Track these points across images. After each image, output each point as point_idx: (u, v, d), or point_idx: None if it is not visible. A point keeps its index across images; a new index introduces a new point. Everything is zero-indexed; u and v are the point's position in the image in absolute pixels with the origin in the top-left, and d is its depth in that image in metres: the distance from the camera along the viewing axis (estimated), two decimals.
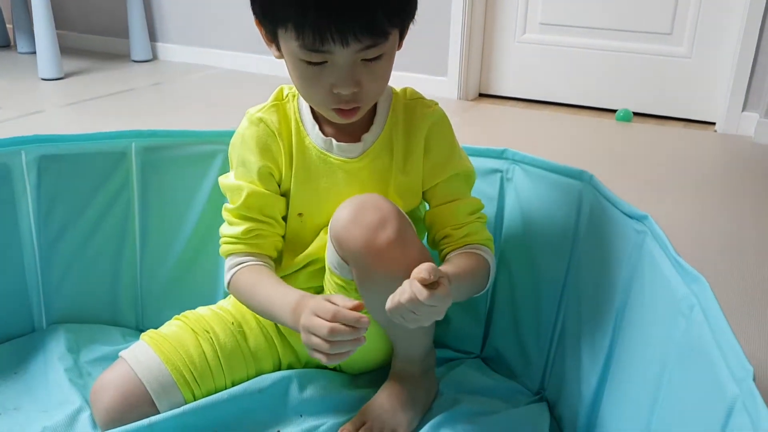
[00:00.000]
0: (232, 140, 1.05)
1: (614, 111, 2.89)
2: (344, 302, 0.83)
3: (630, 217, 0.91)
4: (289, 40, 0.87)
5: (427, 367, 1.12)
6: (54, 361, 1.15)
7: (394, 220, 0.93)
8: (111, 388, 0.99)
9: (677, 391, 0.70)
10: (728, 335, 0.63)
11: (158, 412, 0.98)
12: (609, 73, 2.90)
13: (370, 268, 0.95)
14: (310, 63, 0.88)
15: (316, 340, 0.83)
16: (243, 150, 1.03)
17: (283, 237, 1.07)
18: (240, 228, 1.01)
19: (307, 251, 1.06)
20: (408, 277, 0.85)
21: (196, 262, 1.26)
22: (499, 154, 1.18)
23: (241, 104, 1.12)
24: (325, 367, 1.14)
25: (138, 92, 3.06)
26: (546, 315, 1.12)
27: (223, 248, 1.04)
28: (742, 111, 2.63)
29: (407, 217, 0.98)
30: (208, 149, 1.25)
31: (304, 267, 1.07)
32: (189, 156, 1.24)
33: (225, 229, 1.04)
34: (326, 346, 0.82)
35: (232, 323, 1.08)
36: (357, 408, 1.07)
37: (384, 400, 1.07)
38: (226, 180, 1.05)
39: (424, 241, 1.09)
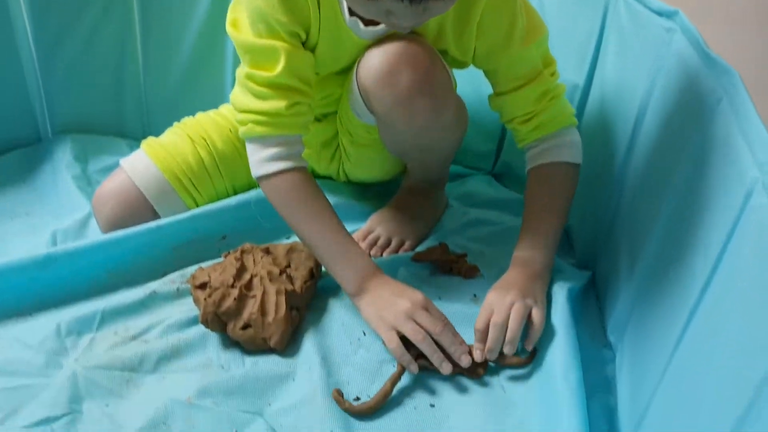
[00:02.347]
0: None
1: None
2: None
3: (659, 14, 0.85)
4: None
5: (439, 184, 1.11)
6: (62, 169, 1.15)
7: (432, 81, 0.83)
8: (111, 197, 0.99)
9: (695, 185, 0.68)
10: (755, 123, 0.59)
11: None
12: None
13: (399, 125, 0.89)
14: None
15: (412, 329, 0.79)
16: (263, 4, 0.81)
17: None
18: (281, 103, 0.82)
19: (320, 87, 0.95)
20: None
21: (201, 68, 1.21)
22: None
23: None
24: (331, 179, 1.13)
25: None
26: None
27: (251, 129, 0.84)
28: None
29: (447, 69, 0.87)
30: None
31: (317, 100, 0.97)
32: None
33: (253, 104, 0.83)
34: (422, 337, 0.78)
35: (230, 130, 1.05)
36: (365, 218, 1.07)
37: (393, 210, 1.06)
38: (248, 38, 0.82)
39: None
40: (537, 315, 0.82)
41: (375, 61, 0.83)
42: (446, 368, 0.79)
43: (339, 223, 0.86)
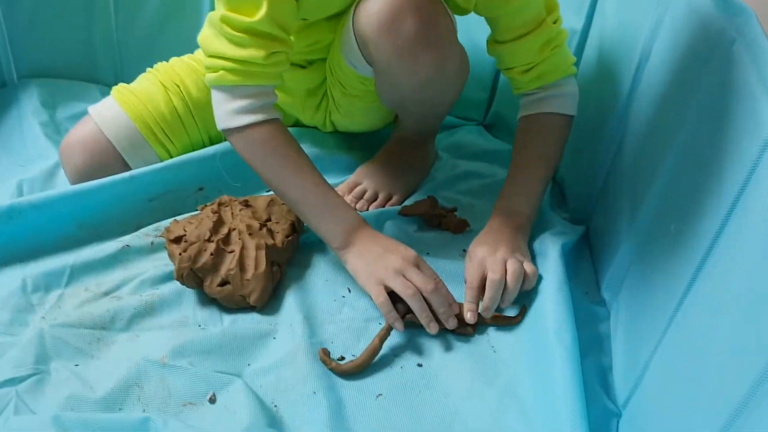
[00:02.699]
0: None
1: None
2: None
3: None
4: None
5: (430, 136, 1.06)
6: (28, 115, 1.09)
7: (436, 29, 0.78)
8: (79, 147, 0.93)
9: (703, 137, 0.64)
10: None
11: None
12: None
13: (400, 77, 0.83)
14: None
15: (403, 284, 0.74)
16: None
17: None
18: (260, 52, 0.75)
19: (307, 33, 0.89)
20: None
21: (176, 9, 1.14)
22: None
23: None
24: (316, 128, 1.07)
25: None
26: None
27: (223, 76, 0.76)
28: None
29: (450, 15, 0.82)
30: None
31: (303, 47, 0.92)
32: None
33: (228, 49, 0.76)
34: (413, 292, 0.74)
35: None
36: (351, 170, 1.03)
37: (381, 163, 1.01)
38: None
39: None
40: (530, 269, 0.80)
41: (375, 6, 0.77)
42: (434, 328, 0.76)
43: (320, 176, 0.81)
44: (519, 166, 0.88)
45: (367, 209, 0.97)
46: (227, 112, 0.79)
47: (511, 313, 0.80)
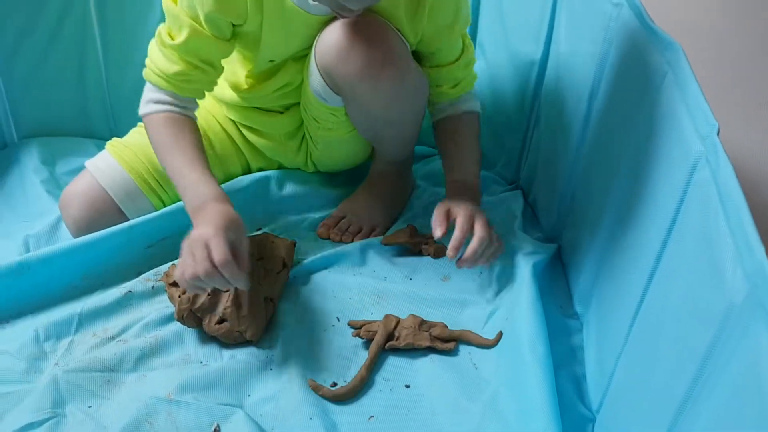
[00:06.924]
0: None
1: None
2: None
3: None
4: None
5: (406, 164, 1.12)
6: (29, 173, 1.14)
7: (392, 49, 0.86)
8: (77, 199, 0.98)
9: (644, 160, 0.70)
10: (696, 95, 0.61)
11: (127, 220, 0.98)
12: None
13: (365, 98, 0.91)
14: None
15: (189, 262, 0.75)
16: None
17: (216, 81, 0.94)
18: (172, 68, 0.87)
19: (278, 77, 0.97)
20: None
21: None
22: None
23: None
24: (298, 168, 1.13)
25: None
26: (521, 102, 1.10)
27: (148, 73, 0.90)
28: None
29: (402, 38, 0.89)
30: None
31: (275, 90, 1.00)
32: None
33: (155, 56, 0.89)
34: (179, 275, 0.77)
35: None
36: (336, 204, 1.09)
37: (364, 196, 1.08)
38: (169, 1, 0.88)
39: None
40: (499, 240, 0.91)
41: (333, 36, 0.85)
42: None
43: (199, 159, 0.87)
44: (457, 150, 1.00)
45: (352, 241, 1.03)
46: (146, 101, 0.90)
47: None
